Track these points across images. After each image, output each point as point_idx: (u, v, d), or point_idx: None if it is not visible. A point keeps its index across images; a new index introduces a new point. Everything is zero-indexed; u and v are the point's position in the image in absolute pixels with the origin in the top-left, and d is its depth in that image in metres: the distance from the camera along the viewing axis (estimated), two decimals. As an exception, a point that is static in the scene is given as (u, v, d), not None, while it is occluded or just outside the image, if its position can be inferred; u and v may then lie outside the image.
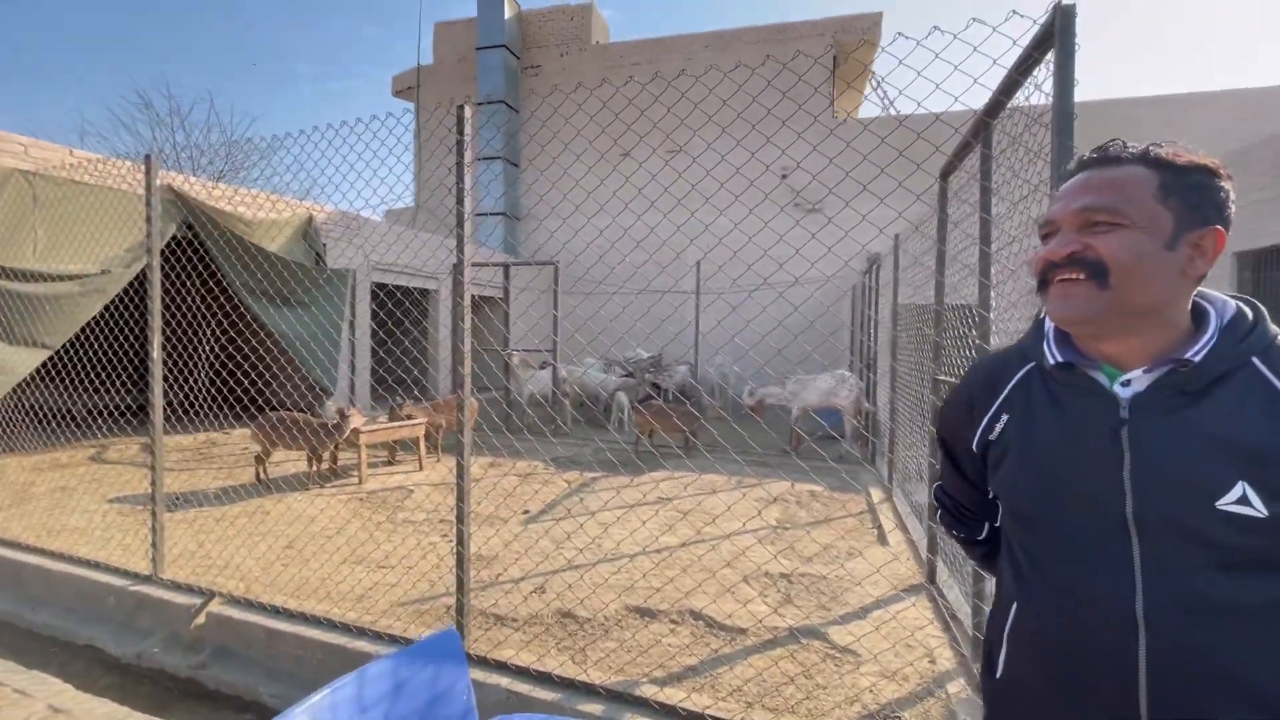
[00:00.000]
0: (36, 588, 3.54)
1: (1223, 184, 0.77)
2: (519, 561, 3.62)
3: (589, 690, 2.24)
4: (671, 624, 2.89)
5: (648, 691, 2.23)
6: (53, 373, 5.80)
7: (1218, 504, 0.72)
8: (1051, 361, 0.85)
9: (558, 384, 8.25)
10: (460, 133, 2.38)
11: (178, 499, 4.85)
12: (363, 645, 2.61)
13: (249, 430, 5.84)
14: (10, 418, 6.01)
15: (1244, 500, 0.71)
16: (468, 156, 2.39)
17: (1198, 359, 0.75)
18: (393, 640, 2.60)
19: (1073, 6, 1.70)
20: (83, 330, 5.69)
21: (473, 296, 9.17)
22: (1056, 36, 1.72)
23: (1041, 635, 0.84)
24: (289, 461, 6.21)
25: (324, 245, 8.26)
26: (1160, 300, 0.77)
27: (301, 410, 7.29)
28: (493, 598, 3.14)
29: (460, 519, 2.50)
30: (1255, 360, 0.75)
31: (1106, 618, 0.76)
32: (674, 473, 5.87)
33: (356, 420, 5.39)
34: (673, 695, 2.21)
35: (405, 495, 5.20)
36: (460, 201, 2.39)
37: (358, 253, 8.49)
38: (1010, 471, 0.88)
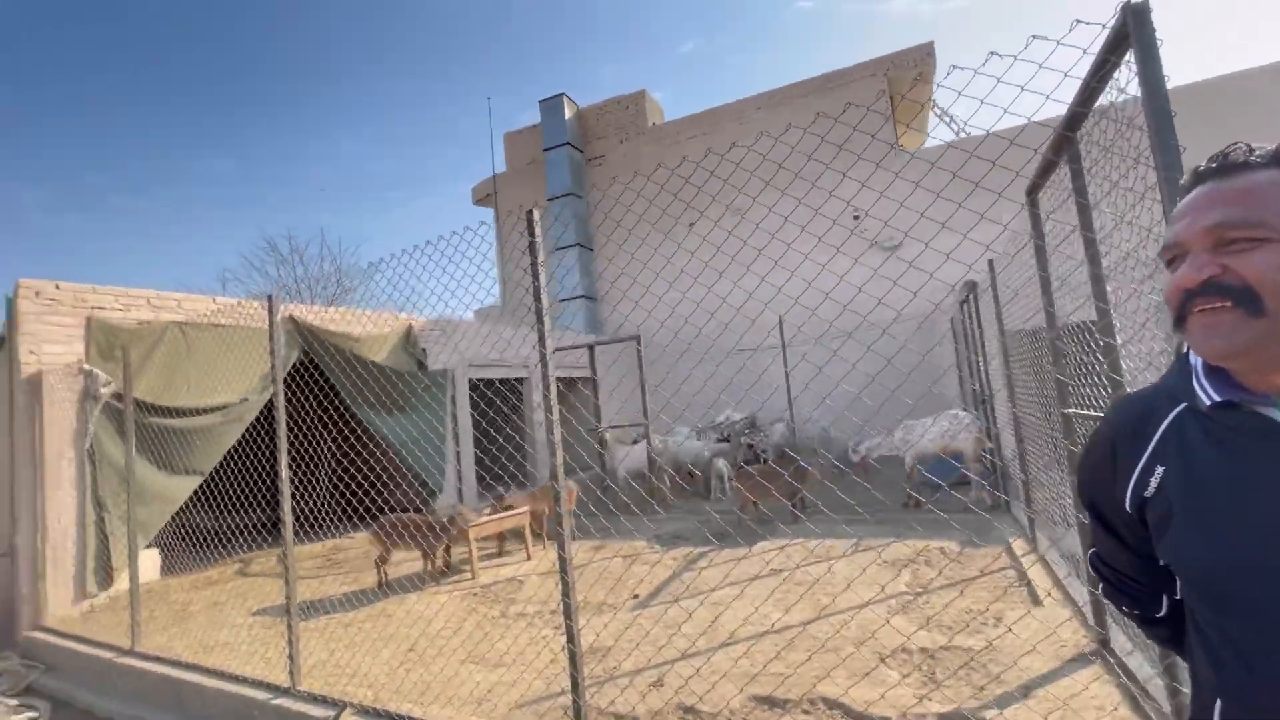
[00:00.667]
0: (194, 704, 3.78)
1: None
2: (633, 653, 3.48)
3: (722, 801, 2.05)
4: (804, 715, 2.63)
5: (787, 801, 2.01)
6: (202, 496, 6.46)
7: None
8: (1207, 403, 0.71)
9: (652, 458, 8.19)
10: (531, 234, 2.50)
11: (310, 607, 5.11)
12: (485, 755, 2.55)
13: (368, 534, 6.16)
14: (170, 542, 6.69)
15: None
16: (540, 255, 2.51)
17: None
18: (513, 749, 2.53)
19: (1144, 4, 1.58)
20: (225, 455, 6.34)
21: (561, 379, 9.35)
22: (1133, 36, 1.60)
23: None
24: (407, 562, 6.45)
25: (423, 350, 8.88)
26: None
27: (416, 510, 7.63)
28: (610, 695, 3.01)
29: (568, 614, 2.45)
30: None
31: None
32: (786, 542, 5.55)
33: (466, 517, 5.55)
34: (816, 805, 1.97)
35: (517, 587, 5.22)
36: (537, 298, 2.48)
37: (454, 354, 9.05)
38: (1181, 537, 0.73)
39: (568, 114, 15.25)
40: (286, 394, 4.20)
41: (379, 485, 5.77)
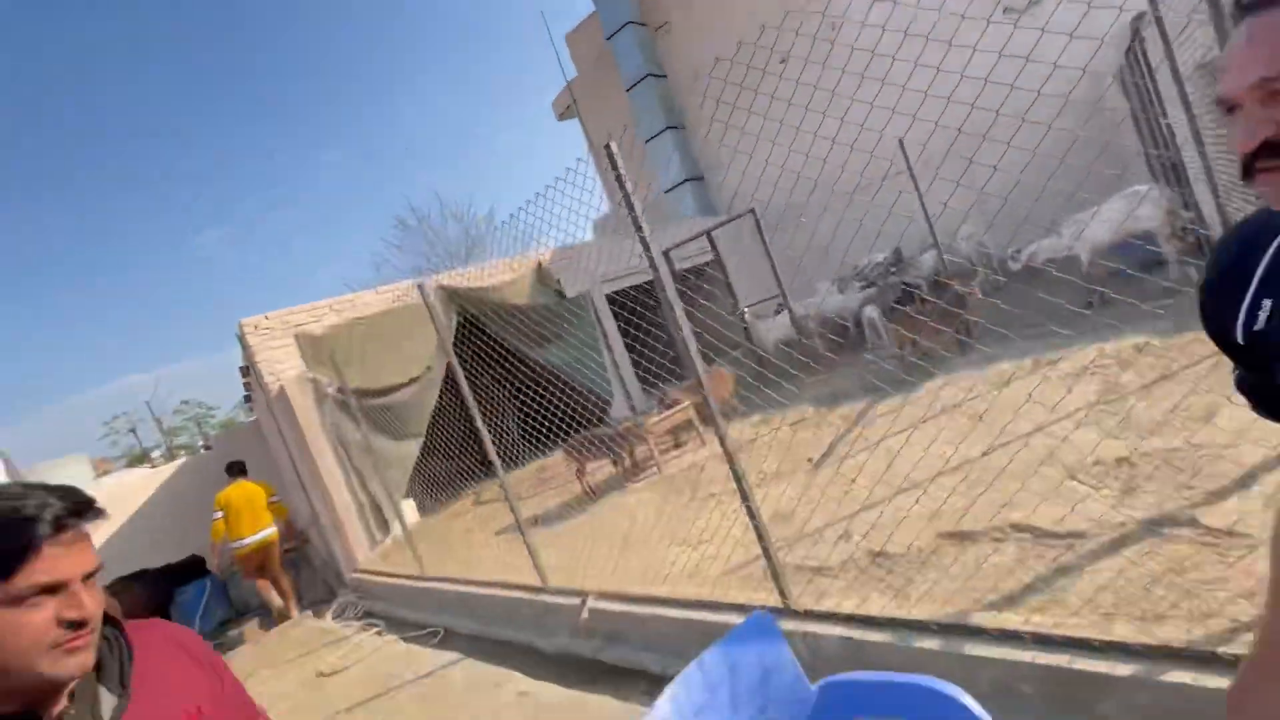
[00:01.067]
0: (479, 608, 4.83)
1: None
2: (816, 512, 3.76)
3: (920, 627, 2.29)
4: (993, 543, 2.74)
5: (983, 619, 2.19)
6: (430, 450, 7.76)
7: None
8: None
9: (797, 323, 8.14)
10: (615, 168, 2.57)
11: (536, 520, 6.08)
12: (707, 616, 3.03)
13: (562, 454, 7.01)
14: (416, 492, 8.18)
15: None
16: (630, 185, 2.58)
17: None
18: (728, 609, 2.97)
19: None
20: (434, 414, 7.47)
21: (688, 270, 9.34)
22: None
23: None
24: (601, 469, 7.28)
25: (558, 280, 9.41)
26: None
27: (595, 422, 8.46)
28: (803, 551, 3.34)
29: (744, 496, 2.73)
30: None
31: None
32: (953, 374, 5.39)
33: (639, 426, 6.10)
34: (1011, 620, 2.13)
35: (699, 471, 5.73)
36: (638, 228, 2.59)
37: (585, 276, 9.48)
38: None
39: (620, -11, 14.17)
40: (460, 351, 4.85)
41: (560, 407, 6.58)
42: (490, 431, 4.43)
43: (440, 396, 7.57)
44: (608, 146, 2.56)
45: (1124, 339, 4.59)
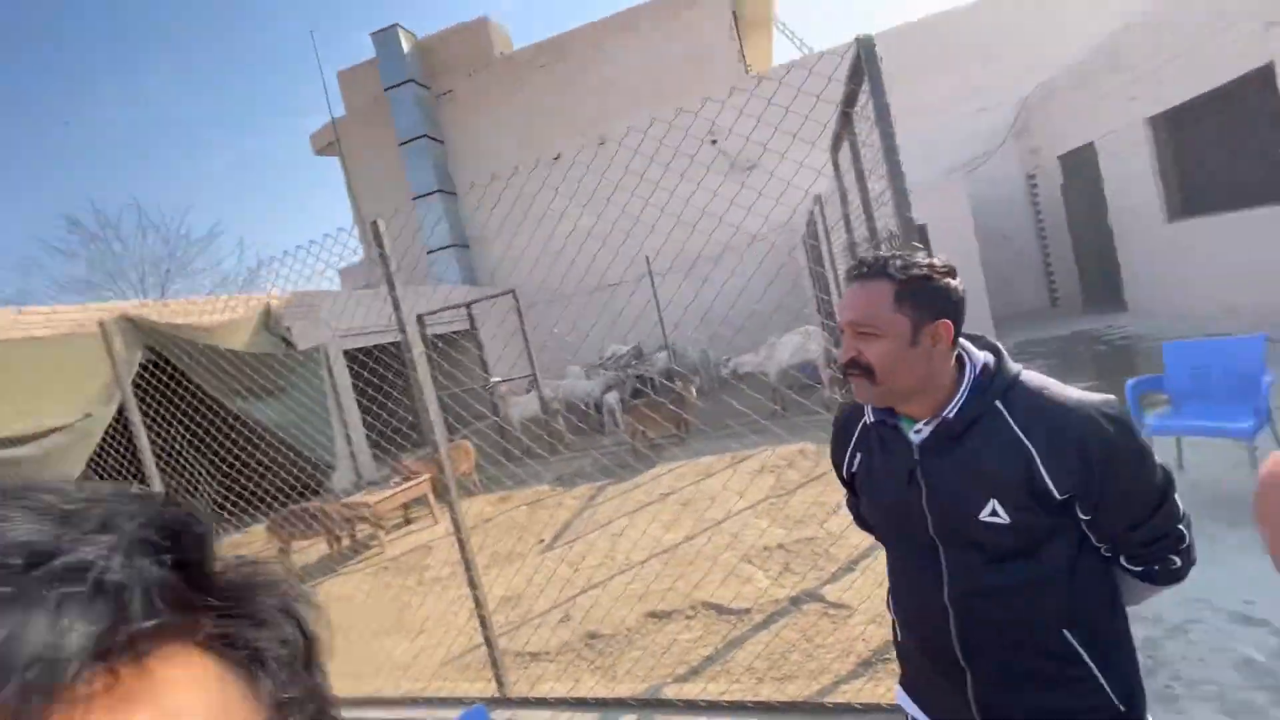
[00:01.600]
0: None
1: (941, 282, 1.01)
2: (543, 594, 3.90)
3: (621, 704, 2.54)
4: (686, 620, 3.19)
5: (671, 692, 2.54)
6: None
7: (979, 518, 0.99)
8: (869, 421, 1.13)
9: (545, 404, 8.50)
10: (380, 246, 2.59)
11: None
12: (420, 714, 2.90)
13: (265, 529, 6.07)
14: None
15: (994, 513, 0.98)
16: (393, 265, 2.61)
17: (952, 415, 1.02)
18: (443, 703, 2.89)
19: (869, 39, 1.92)
20: (91, 472, 5.87)
21: (441, 335, 9.12)
22: (864, 66, 1.95)
23: (904, 615, 1.18)
24: (312, 545, 6.45)
25: (288, 329, 8.40)
26: (919, 381, 1.03)
27: (310, 490, 7.52)
28: (525, 636, 3.43)
29: (472, 584, 2.77)
30: (997, 403, 1.02)
31: (931, 605, 1.08)
32: (674, 465, 6.16)
33: (368, 504, 5.65)
34: (691, 690, 2.51)
35: (427, 553, 5.47)
36: (397, 308, 2.61)
37: (323, 328, 8.65)
38: (864, 501, 1.19)
39: (406, 47, 14.01)
40: (141, 397, 4.03)
41: (267, 472, 5.71)
42: (172, 493, 3.70)
43: (102, 452, 6.03)
44: (374, 223, 2.57)
45: (792, 444, 5.82)
